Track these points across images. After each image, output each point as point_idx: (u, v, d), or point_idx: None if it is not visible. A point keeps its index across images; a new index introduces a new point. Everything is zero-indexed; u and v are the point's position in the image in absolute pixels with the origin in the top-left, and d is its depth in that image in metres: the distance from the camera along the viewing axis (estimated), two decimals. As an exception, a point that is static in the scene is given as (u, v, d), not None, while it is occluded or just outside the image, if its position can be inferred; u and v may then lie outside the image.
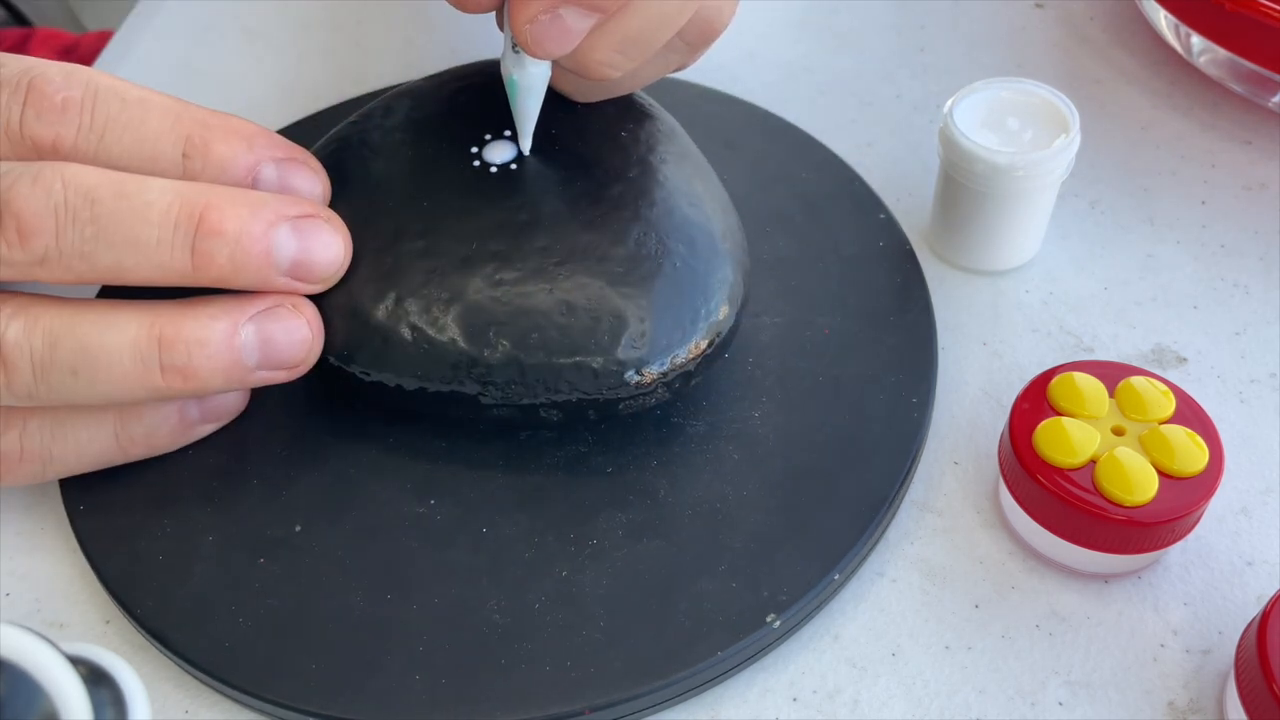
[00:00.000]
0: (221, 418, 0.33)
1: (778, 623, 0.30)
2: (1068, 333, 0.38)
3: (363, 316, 0.32)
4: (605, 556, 0.31)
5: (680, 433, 0.33)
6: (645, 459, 0.33)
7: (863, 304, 0.36)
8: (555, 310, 0.31)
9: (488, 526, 0.32)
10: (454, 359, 0.31)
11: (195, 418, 0.33)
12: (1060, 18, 0.49)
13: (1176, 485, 0.30)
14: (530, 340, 0.31)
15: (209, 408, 0.33)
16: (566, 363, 0.31)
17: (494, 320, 0.31)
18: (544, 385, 0.31)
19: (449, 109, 0.35)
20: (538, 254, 0.32)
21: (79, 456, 0.32)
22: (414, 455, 0.33)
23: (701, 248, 0.32)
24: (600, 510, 0.32)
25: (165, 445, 0.33)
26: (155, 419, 0.32)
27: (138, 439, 0.32)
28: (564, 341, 0.31)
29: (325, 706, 0.29)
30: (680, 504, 0.32)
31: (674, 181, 0.33)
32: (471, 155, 0.34)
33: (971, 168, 0.36)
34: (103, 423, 0.31)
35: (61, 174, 0.28)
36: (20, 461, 0.31)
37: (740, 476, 0.32)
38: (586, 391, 0.31)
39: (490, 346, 0.31)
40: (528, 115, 0.33)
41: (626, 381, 0.31)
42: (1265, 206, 0.41)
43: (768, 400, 0.34)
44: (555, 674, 0.29)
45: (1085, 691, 0.30)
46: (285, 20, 0.51)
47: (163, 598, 0.31)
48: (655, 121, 0.35)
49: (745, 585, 0.30)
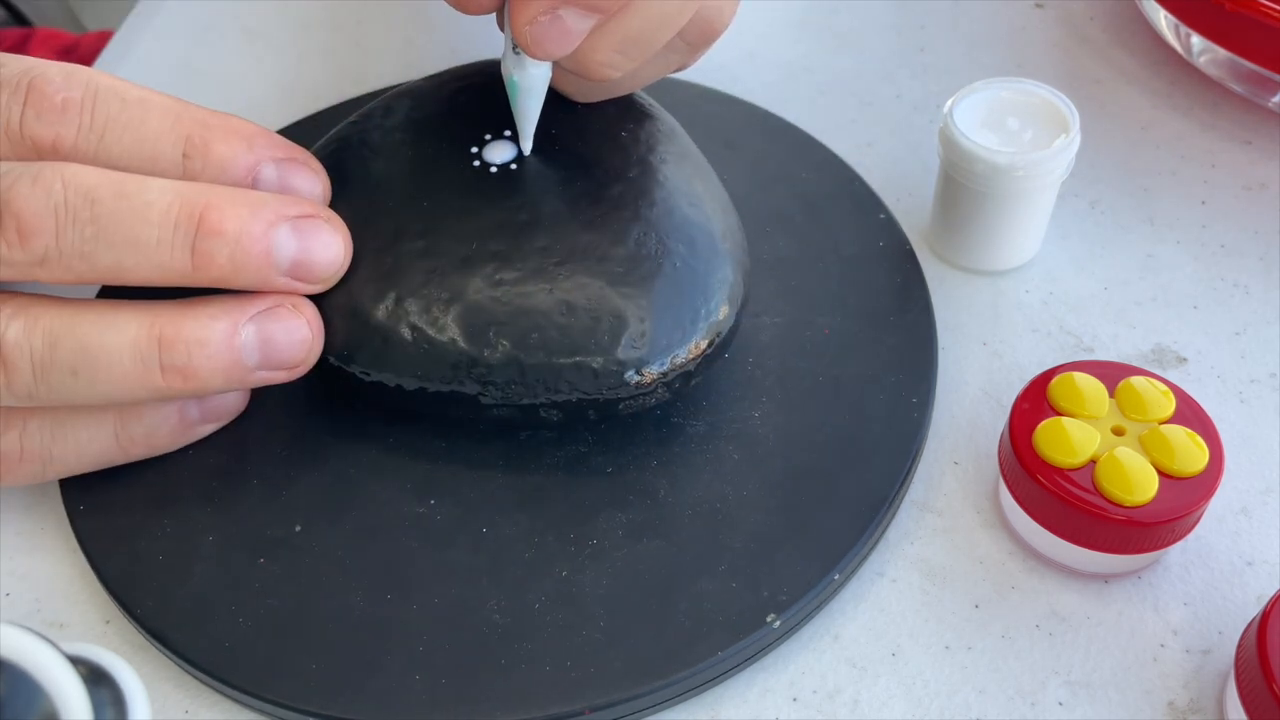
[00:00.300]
0: (222, 418, 0.33)
1: (778, 622, 0.30)
2: (1068, 333, 0.38)
3: (363, 316, 0.32)
4: (605, 556, 0.31)
5: (680, 433, 0.33)
6: (645, 459, 0.33)
7: (863, 304, 0.36)
8: (555, 310, 0.31)
9: (488, 526, 0.32)
10: (454, 359, 0.31)
11: (195, 418, 0.33)
12: (1060, 18, 0.49)
13: (1176, 485, 0.30)
14: (530, 340, 0.31)
15: (209, 408, 0.33)
16: (567, 363, 0.31)
17: (494, 320, 0.31)
18: (544, 385, 0.31)
19: (449, 109, 0.35)
20: (538, 254, 0.32)
21: (79, 456, 0.32)
22: (414, 455, 0.33)
23: (701, 248, 0.32)
24: (600, 510, 0.32)
25: (165, 445, 0.33)
26: (155, 419, 0.32)
27: (138, 439, 0.32)
28: (564, 341, 0.31)
29: (325, 706, 0.29)
30: (680, 504, 0.32)
31: (674, 181, 0.34)
32: (472, 155, 0.34)
33: (971, 168, 0.36)
34: (103, 423, 0.31)
35: (61, 174, 0.28)
36: (20, 461, 0.31)
37: (740, 476, 0.32)
38: (586, 391, 0.31)
39: (490, 346, 0.31)
40: (528, 116, 0.33)
41: (627, 381, 0.31)
42: (1265, 206, 0.41)
43: (768, 400, 0.34)
44: (555, 674, 0.29)
45: (1085, 691, 0.30)
46: (285, 20, 0.51)
47: (163, 598, 0.31)
48: (655, 122, 0.35)
49: (745, 585, 0.30)
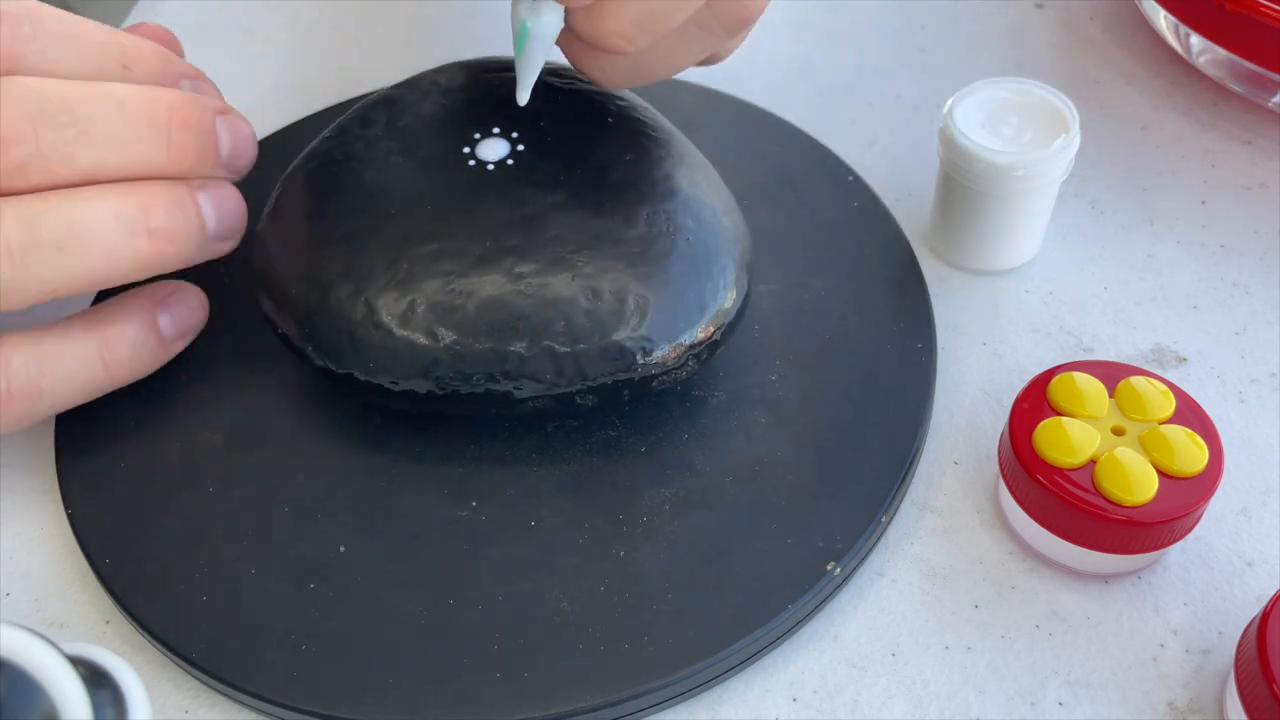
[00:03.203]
0: (190, 332, 0.35)
1: (838, 569, 0.31)
2: (1068, 333, 0.38)
3: (385, 327, 0.31)
4: (658, 532, 0.32)
5: (705, 404, 0.34)
6: (676, 434, 0.34)
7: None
8: (581, 296, 0.31)
9: (534, 520, 0.32)
10: (485, 357, 0.31)
11: (171, 333, 0.34)
12: (1060, 18, 0.49)
13: (1176, 485, 0.30)
14: (558, 329, 0.31)
15: (180, 323, 0.35)
16: (598, 346, 0.31)
17: (520, 314, 0.31)
18: (579, 372, 0.31)
19: (432, 111, 0.35)
20: (552, 243, 0.32)
21: (69, 386, 0.32)
22: (444, 460, 0.33)
23: (707, 220, 0.33)
24: (643, 489, 0.33)
25: (148, 366, 0.34)
26: (137, 337, 0.33)
27: (124, 360, 0.33)
28: (594, 326, 0.31)
29: (351, 709, 0.29)
30: (719, 472, 0.33)
31: (669, 162, 0.34)
32: (465, 155, 0.34)
33: (971, 168, 0.36)
34: (87, 347, 0.32)
35: (24, 84, 0.30)
36: (10, 399, 0.31)
37: (771, 439, 0.33)
38: (621, 373, 0.31)
39: (521, 339, 0.31)
40: (533, 65, 0.33)
41: (659, 359, 0.31)
42: (1265, 206, 0.41)
43: (776, 396, 0.34)
44: (635, 650, 0.29)
45: (1085, 691, 0.30)
46: (285, 20, 0.51)
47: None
48: (635, 109, 0.35)
49: (800, 540, 0.31)
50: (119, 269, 0.31)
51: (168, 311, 0.34)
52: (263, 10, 0.51)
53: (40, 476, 0.35)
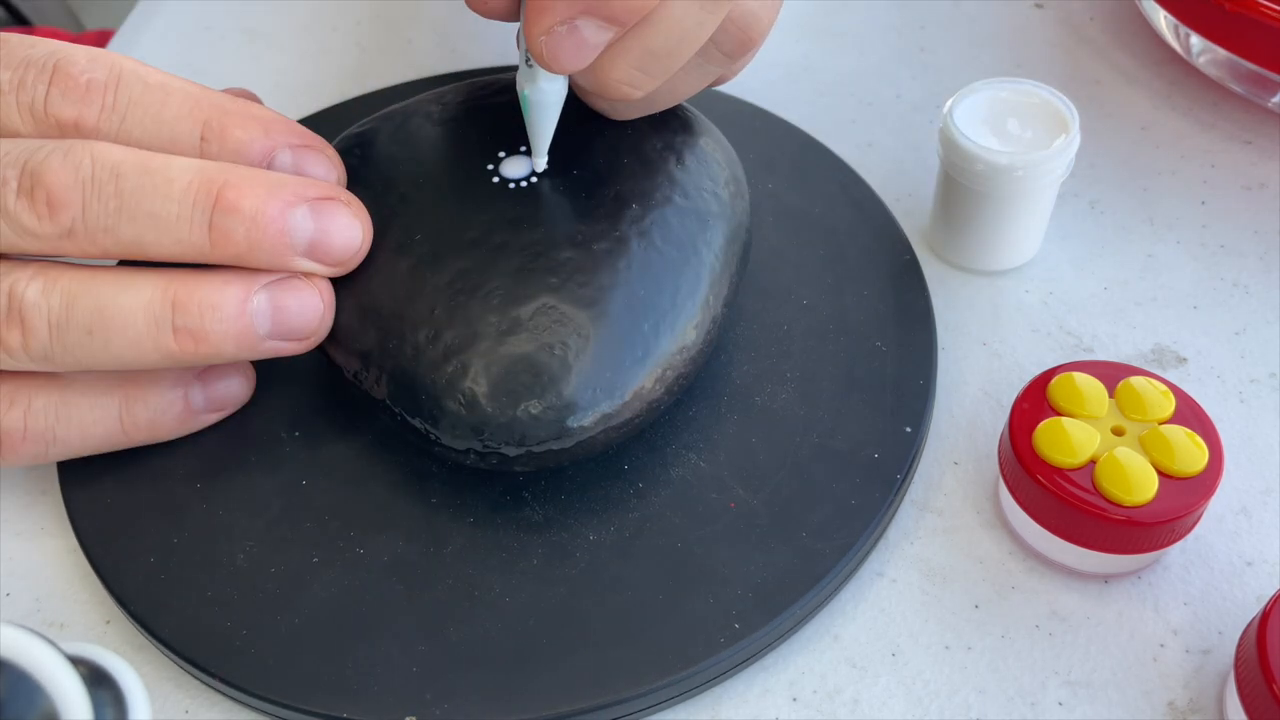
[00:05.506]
0: (226, 408, 0.34)
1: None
2: (1068, 333, 0.38)
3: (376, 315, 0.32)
4: (657, 532, 0.31)
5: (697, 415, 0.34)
6: (677, 433, 0.34)
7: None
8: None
9: (534, 520, 0.32)
10: None
11: (200, 406, 0.33)
12: (1060, 18, 0.49)
13: (1176, 485, 0.30)
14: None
15: (214, 397, 0.33)
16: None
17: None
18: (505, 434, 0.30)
19: (474, 119, 0.35)
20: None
21: (83, 438, 0.32)
22: (444, 461, 0.33)
23: (668, 286, 0.31)
24: (644, 489, 0.33)
25: (169, 432, 0.33)
26: (160, 403, 0.32)
27: (141, 423, 0.32)
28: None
29: (351, 710, 0.29)
30: (720, 471, 0.33)
31: (668, 218, 0.32)
32: (489, 171, 0.33)
33: (971, 168, 0.36)
34: (108, 404, 0.32)
35: (90, 150, 0.29)
36: (24, 440, 0.31)
37: (770, 444, 0.33)
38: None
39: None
40: (542, 132, 0.32)
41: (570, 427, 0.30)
42: (1265, 206, 0.41)
43: (776, 394, 0.34)
44: (632, 651, 0.30)
45: (1085, 691, 0.30)
46: (285, 20, 0.51)
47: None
48: (688, 136, 0.35)
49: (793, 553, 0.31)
50: (147, 360, 0.30)
51: (203, 383, 0.33)
52: (263, 10, 0.51)
53: (41, 477, 0.35)
